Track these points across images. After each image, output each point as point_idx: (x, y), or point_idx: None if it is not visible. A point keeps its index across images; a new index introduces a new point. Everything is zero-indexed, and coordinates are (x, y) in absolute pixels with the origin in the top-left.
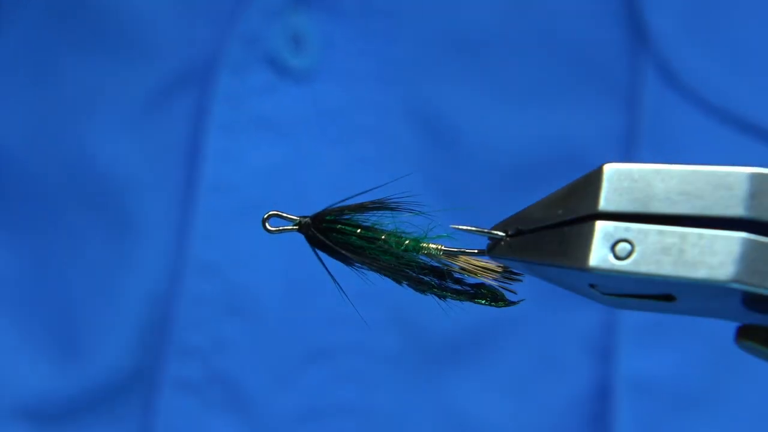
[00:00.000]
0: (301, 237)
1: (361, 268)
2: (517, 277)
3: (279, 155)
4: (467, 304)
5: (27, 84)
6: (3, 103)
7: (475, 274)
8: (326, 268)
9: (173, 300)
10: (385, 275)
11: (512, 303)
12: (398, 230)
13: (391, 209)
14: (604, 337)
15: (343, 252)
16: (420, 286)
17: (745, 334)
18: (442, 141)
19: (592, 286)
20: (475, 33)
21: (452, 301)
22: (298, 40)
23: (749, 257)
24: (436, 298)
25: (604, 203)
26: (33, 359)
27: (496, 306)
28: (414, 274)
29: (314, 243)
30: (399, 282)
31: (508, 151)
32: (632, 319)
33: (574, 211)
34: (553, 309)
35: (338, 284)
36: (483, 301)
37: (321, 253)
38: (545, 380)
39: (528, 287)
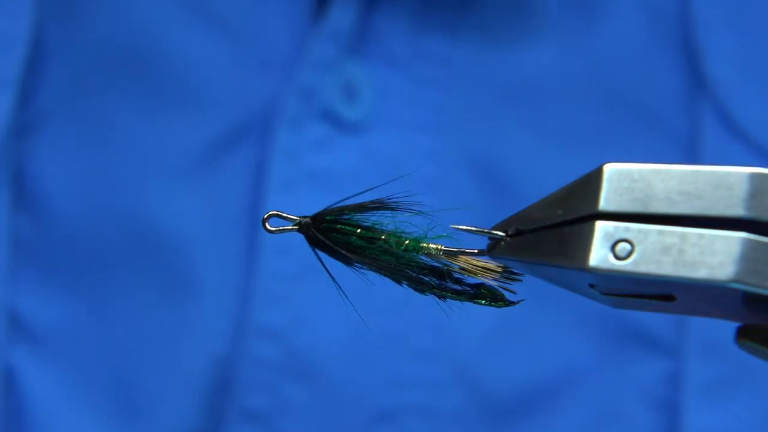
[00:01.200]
0: (372, 300)
1: (361, 268)
2: (517, 277)
3: None
4: (467, 305)
5: (77, 131)
6: (52, 150)
7: (475, 274)
8: (326, 269)
9: (235, 363)
10: (385, 275)
11: (512, 303)
12: (398, 230)
13: (391, 209)
14: (670, 392)
15: (343, 252)
16: (420, 286)
17: (745, 334)
18: (499, 189)
19: (591, 286)
20: (530, 79)
21: (452, 301)
22: (351, 90)
23: (749, 257)
24: (436, 298)
25: (604, 203)
26: (93, 424)
27: (496, 306)
28: (414, 274)
29: (314, 243)
30: (399, 282)
31: None
32: (700, 373)
33: (574, 211)
34: (616, 362)
35: (338, 284)
36: (483, 302)
37: (322, 253)
38: None
39: (593, 340)
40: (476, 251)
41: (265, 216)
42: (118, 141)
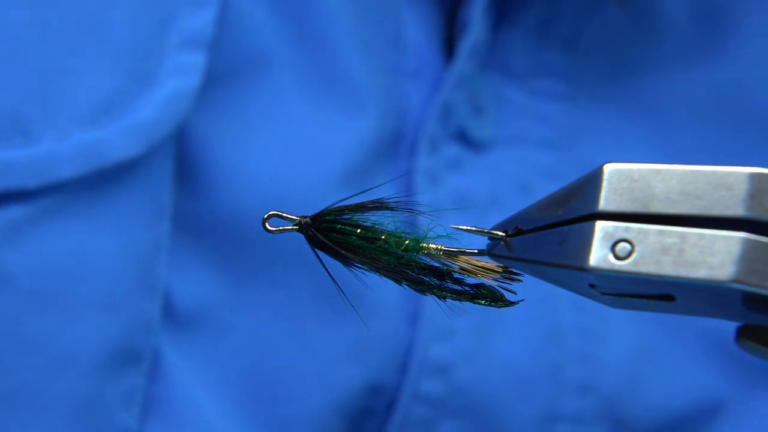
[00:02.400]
0: (528, 327)
1: (361, 268)
2: (517, 277)
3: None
4: (467, 305)
5: (251, 109)
6: (221, 121)
7: (475, 275)
8: (326, 269)
9: (394, 395)
10: (384, 276)
11: (512, 303)
12: (398, 230)
13: (391, 209)
14: None
15: (343, 252)
16: (420, 287)
17: (745, 334)
18: None
19: (591, 286)
20: (655, 96)
21: (452, 301)
22: (479, 107)
23: (749, 257)
24: (436, 299)
25: (604, 203)
26: (230, 423)
27: (495, 306)
28: (414, 275)
29: (314, 243)
30: (399, 282)
31: None
32: None
33: (575, 211)
34: (755, 399)
35: (337, 284)
36: (483, 302)
37: (322, 254)
38: None
39: (731, 374)
40: (476, 251)
41: (265, 216)
42: (288, 129)
